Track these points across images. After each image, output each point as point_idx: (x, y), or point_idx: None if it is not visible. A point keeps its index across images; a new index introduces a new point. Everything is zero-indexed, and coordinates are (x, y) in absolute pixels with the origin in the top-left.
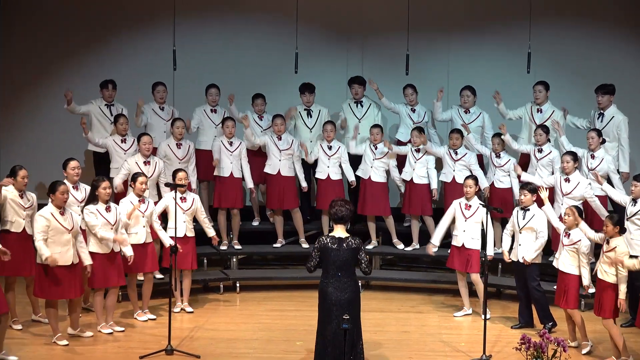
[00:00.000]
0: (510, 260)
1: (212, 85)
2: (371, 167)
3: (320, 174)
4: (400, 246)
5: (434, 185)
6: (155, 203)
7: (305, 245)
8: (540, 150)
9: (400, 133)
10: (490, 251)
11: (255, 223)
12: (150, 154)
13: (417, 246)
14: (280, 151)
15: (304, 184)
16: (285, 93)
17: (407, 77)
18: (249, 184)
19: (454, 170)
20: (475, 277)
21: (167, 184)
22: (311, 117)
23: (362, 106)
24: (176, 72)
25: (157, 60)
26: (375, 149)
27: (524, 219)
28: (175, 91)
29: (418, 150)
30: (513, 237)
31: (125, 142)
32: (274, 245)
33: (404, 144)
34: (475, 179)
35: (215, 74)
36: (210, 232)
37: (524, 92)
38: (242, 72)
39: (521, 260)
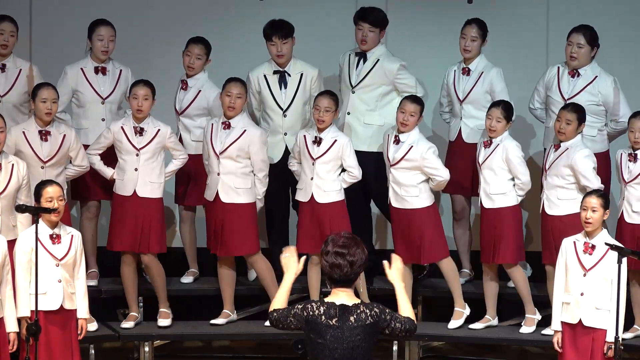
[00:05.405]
0: None
1: (100, 22)
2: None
3: (301, 192)
4: (458, 322)
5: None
6: (12, 243)
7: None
8: None
9: (452, 128)
10: (623, 331)
11: (188, 279)
12: (2, 150)
13: (494, 322)
14: (219, 155)
15: (259, 204)
16: (244, 39)
17: (471, 7)
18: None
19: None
20: None
21: (19, 207)
22: (285, 86)
23: (363, 62)
24: None
25: None
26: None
27: None
28: (33, 35)
29: (488, 143)
30: None
31: None
32: (214, 322)
33: (468, 146)
34: (603, 196)
35: (106, 4)
36: (82, 311)
37: None
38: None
39: None
